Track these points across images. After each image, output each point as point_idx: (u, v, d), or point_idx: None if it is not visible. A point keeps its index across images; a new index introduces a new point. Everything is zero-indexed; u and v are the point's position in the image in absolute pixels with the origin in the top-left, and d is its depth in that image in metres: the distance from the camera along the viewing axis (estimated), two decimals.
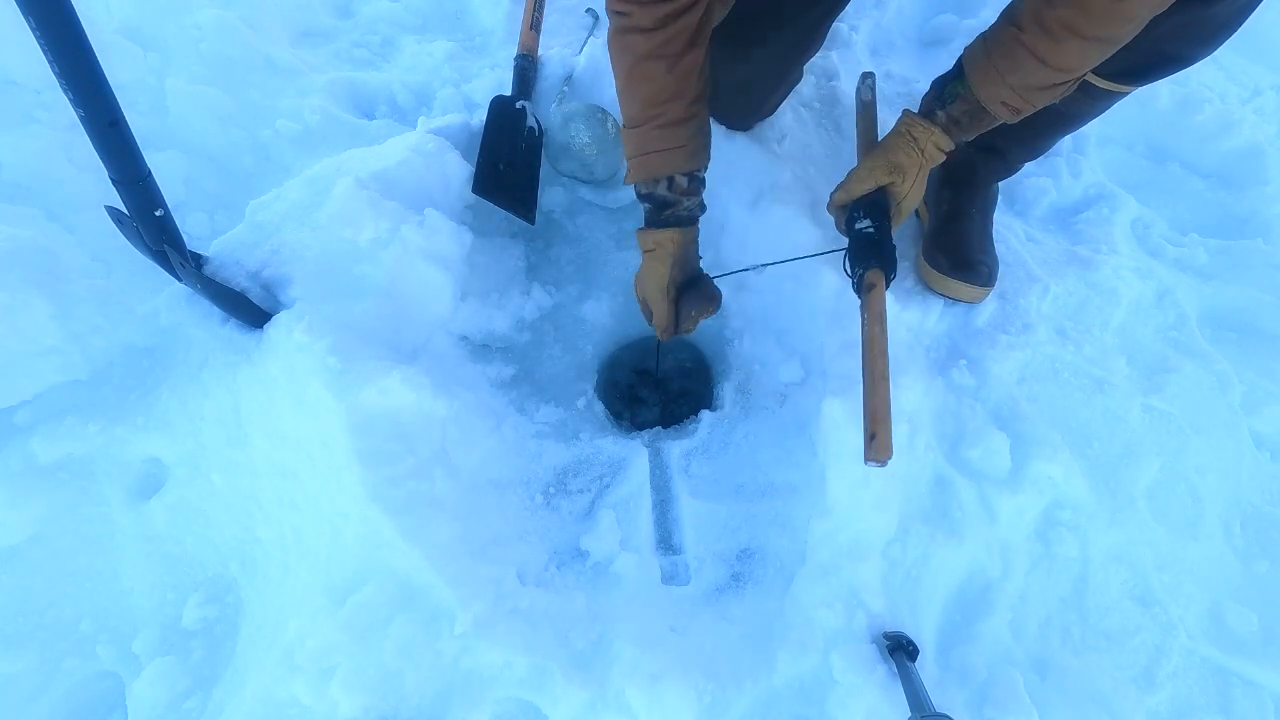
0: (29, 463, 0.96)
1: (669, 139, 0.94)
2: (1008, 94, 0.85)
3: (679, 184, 0.97)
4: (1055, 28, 0.77)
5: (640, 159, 0.96)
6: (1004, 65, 0.83)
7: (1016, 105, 0.86)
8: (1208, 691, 0.97)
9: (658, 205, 1.00)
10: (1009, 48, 0.82)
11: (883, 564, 0.95)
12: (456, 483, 0.98)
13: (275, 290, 0.99)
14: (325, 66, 1.60)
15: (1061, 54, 0.79)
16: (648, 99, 0.92)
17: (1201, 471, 1.12)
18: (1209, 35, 0.91)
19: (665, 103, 0.92)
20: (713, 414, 1.19)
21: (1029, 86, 0.84)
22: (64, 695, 0.91)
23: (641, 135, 0.95)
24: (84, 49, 0.64)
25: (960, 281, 1.19)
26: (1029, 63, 0.81)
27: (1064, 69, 0.81)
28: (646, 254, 1.04)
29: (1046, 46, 0.79)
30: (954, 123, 0.92)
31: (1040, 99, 0.86)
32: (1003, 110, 0.88)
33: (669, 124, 0.93)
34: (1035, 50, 0.80)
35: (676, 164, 0.95)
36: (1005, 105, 0.87)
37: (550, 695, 0.85)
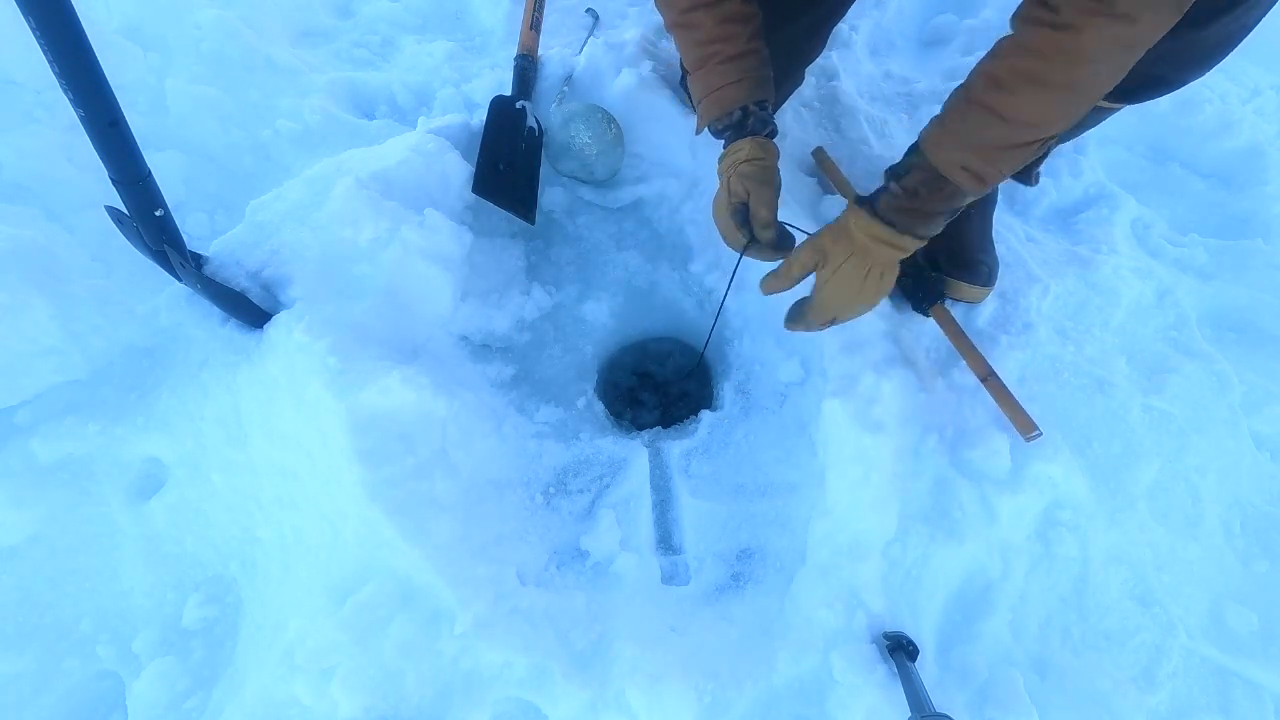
0: (29, 463, 0.96)
1: (733, 73, 0.93)
2: (967, 157, 0.77)
3: (754, 113, 0.95)
4: (1006, 77, 0.72)
5: (710, 98, 0.96)
6: (959, 127, 0.77)
7: (979, 171, 0.77)
8: (1208, 691, 0.97)
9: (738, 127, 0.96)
10: (962, 110, 0.77)
11: (883, 564, 0.95)
12: (456, 483, 0.98)
13: (275, 290, 0.99)
14: (325, 66, 1.60)
15: (1017, 105, 0.72)
16: (701, 41, 0.93)
17: (1201, 471, 1.12)
18: (1200, 59, 0.90)
19: (719, 41, 0.92)
20: (713, 414, 1.19)
21: (989, 147, 0.76)
22: (64, 695, 0.91)
23: (706, 75, 0.95)
24: (84, 49, 0.64)
25: (960, 281, 1.19)
26: (985, 120, 0.74)
27: (1024, 122, 0.74)
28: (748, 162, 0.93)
29: (1000, 99, 0.73)
30: (910, 195, 0.82)
31: (1005, 162, 0.77)
32: (964, 177, 0.78)
33: (729, 59, 0.93)
34: (989, 105, 0.74)
35: (744, 95, 0.94)
36: (966, 171, 0.77)
37: (550, 695, 0.85)
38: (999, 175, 0.79)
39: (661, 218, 1.33)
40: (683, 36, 0.96)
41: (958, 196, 0.81)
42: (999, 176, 0.79)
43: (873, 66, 1.68)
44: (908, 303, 1.16)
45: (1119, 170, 1.57)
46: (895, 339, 1.09)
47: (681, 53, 0.99)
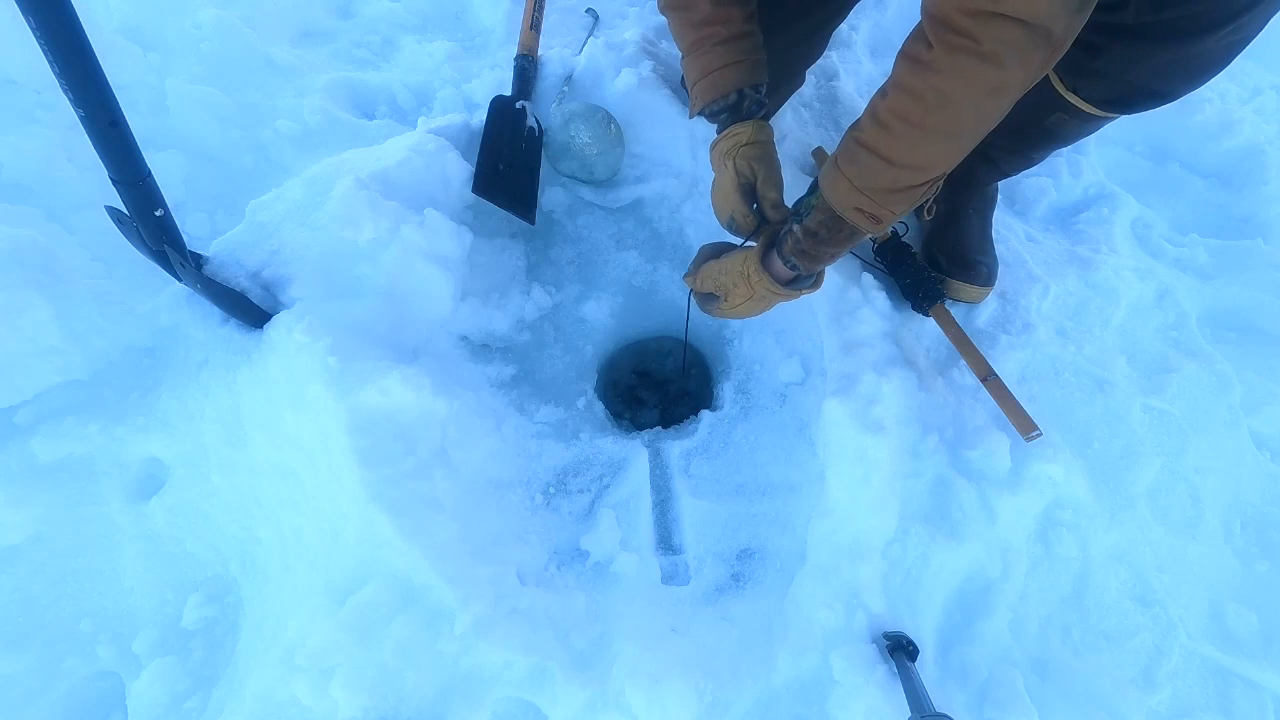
0: (29, 463, 0.96)
1: (729, 55, 0.93)
2: (859, 199, 0.76)
3: (749, 96, 0.95)
4: (888, 118, 0.70)
5: (705, 80, 0.95)
6: (849, 169, 0.76)
7: (873, 212, 0.77)
8: (1208, 691, 0.97)
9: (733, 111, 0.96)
10: (851, 151, 0.75)
11: (883, 564, 0.95)
12: (456, 483, 0.98)
13: (275, 290, 0.99)
14: (325, 66, 1.60)
15: (899, 147, 0.71)
16: (697, 22, 0.93)
17: (1201, 471, 1.12)
18: (1194, 73, 0.89)
19: (716, 23, 0.92)
20: (713, 414, 1.19)
21: (879, 189, 0.75)
22: (64, 695, 0.91)
23: (702, 57, 0.95)
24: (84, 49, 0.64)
25: (960, 281, 1.19)
26: (871, 162, 0.73)
27: (909, 165, 0.72)
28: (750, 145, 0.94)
29: (884, 141, 0.72)
30: (811, 236, 0.82)
31: (897, 204, 0.76)
32: (859, 218, 0.77)
33: (725, 40, 0.93)
34: (874, 147, 0.72)
35: (741, 79, 0.94)
36: (860, 212, 0.77)
37: (550, 695, 0.85)
38: (892, 216, 0.78)
39: (661, 218, 1.34)
40: (678, 18, 0.96)
41: (856, 236, 0.81)
42: (893, 217, 0.78)
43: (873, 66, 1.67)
44: (908, 303, 1.16)
45: (1119, 170, 1.57)
46: (895, 339, 1.09)
47: (675, 35, 0.99)
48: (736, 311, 0.97)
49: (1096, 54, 0.90)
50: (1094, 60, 0.91)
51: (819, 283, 0.91)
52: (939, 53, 0.65)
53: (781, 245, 0.86)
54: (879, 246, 1.20)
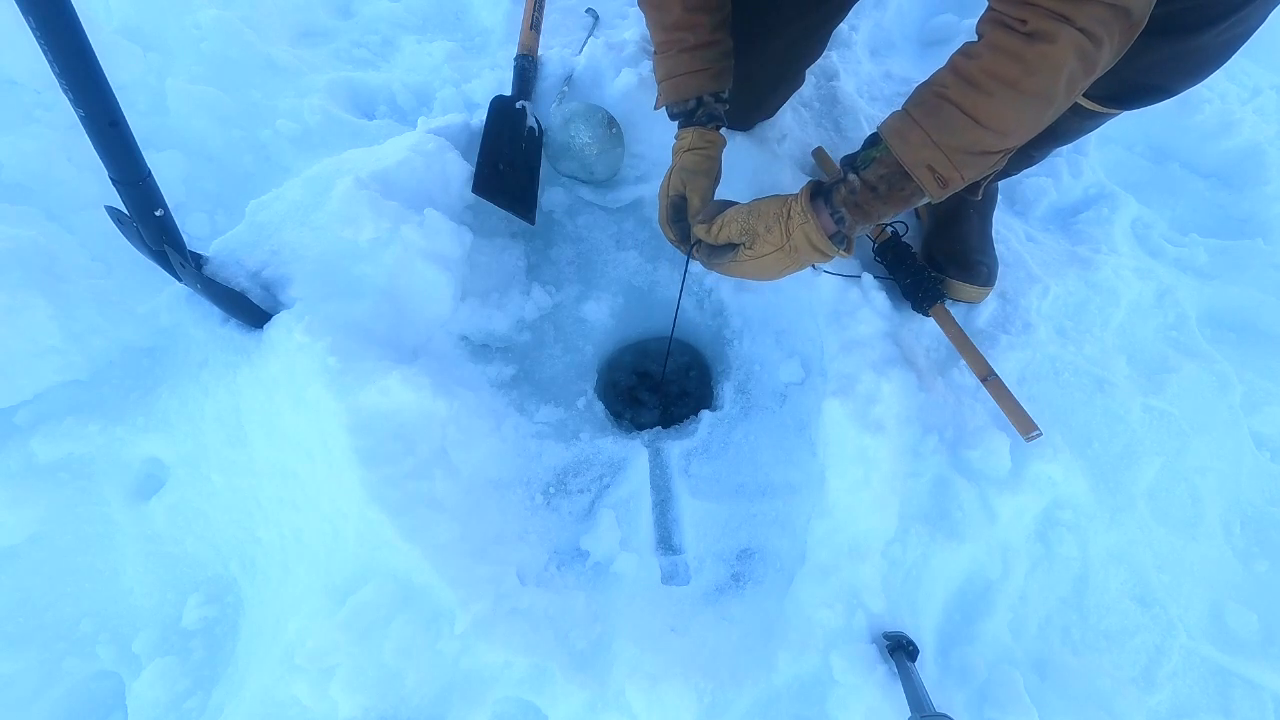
0: (29, 463, 0.96)
1: (693, 63, 0.97)
2: (934, 155, 0.74)
3: (707, 102, 1.00)
4: (983, 79, 0.70)
5: (669, 82, 1.00)
6: (929, 121, 0.73)
7: (943, 173, 0.74)
8: (1208, 691, 0.97)
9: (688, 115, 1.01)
10: (933, 105, 0.73)
11: (883, 564, 0.95)
12: (456, 483, 0.98)
13: (275, 290, 0.99)
14: (325, 66, 1.60)
15: (993, 109, 0.70)
16: (667, 25, 0.97)
17: (1201, 471, 1.12)
18: (1194, 68, 0.90)
19: (684, 29, 0.95)
20: (713, 414, 1.19)
21: (958, 149, 0.73)
22: (64, 695, 0.91)
23: (668, 60, 0.99)
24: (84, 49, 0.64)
25: (960, 281, 1.19)
26: (956, 119, 0.72)
27: (997, 129, 0.71)
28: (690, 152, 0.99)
29: (976, 101, 0.70)
30: (869, 189, 0.79)
31: (970, 168, 0.74)
32: (927, 177, 0.75)
33: (692, 48, 0.96)
34: (962, 104, 0.71)
35: (702, 86, 0.98)
36: (930, 170, 0.75)
37: (550, 695, 0.85)
38: (960, 181, 0.76)
39: None
40: (651, 16, 0.99)
41: (914, 198, 0.79)
42: (960, 182, 0.76)
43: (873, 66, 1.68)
44: (908, 303, 1.16)
45: (1119, 170, 1.57)
46: (895, 339, 1.09)
47: (648, 29, 1.03)
48: (755, 266, 0.90)
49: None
50: None
51: (851, 247, 0.87)
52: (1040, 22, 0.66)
53: (832, 195, 0.82)
54: (879, 246, 1.20)
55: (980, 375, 1.07)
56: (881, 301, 1.12)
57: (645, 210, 1.34)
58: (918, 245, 1.27)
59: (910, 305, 1.16)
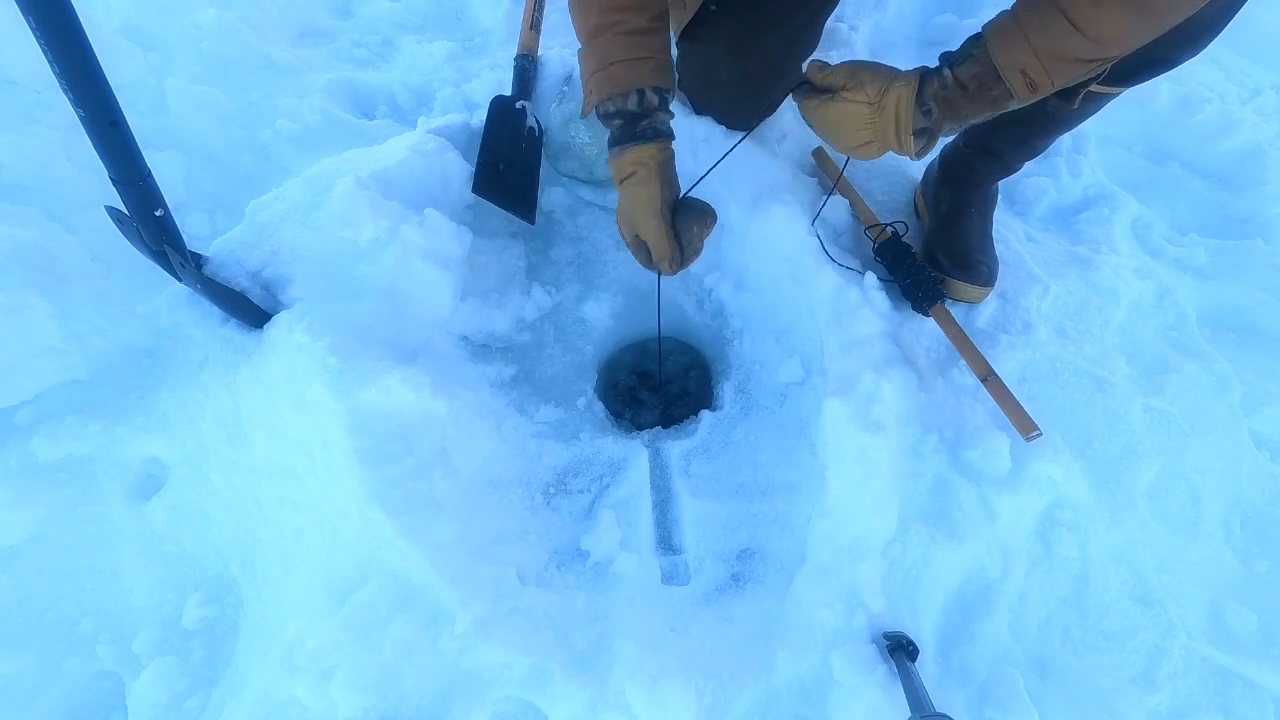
0: (29, 463, 0.96)
1: (634, 49, 0.87)
2: (1029, 60, 0.74)
3: (649, 100, 0.88)
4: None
5: (604, 72, 0.87)
6: (1030, 25, 0.74)
7: (1035, 78, 0.75)
8: (1208, 691, 0.97)
9: (629, 120, 0.89)
10: (1040, 12, 0.73)
11: (883, 564, 0.95)
12: (456, 483, 0.98)
13: (275, 290, 0.99)
14: (325, 66, 1.60)
15: (1100, 20, 0.70)
16: (605, 6, 0.86)
17: (1201, 471, 1.12)
18: (1194, 36, 0.89)
19: (625, 9, 0.86)
20: (713, 414, 1.19)
21: (1054, 55, 0.74)
22: (64, 695, 0.91)
23: (603, 46, 0.87)
24: (84, 49, 0.64)
25: (960, 281, 1.19)
26: (1059, 26, 0.72)
27: (1099, 39, 0.71)
28: (626, 181, 0.90)
29: (1082, 7, 0.70)
30: (960, 87, 0.80)
31: (1063, 75, 0.75)
32: (1019, 81, 0.76)
33: (632, 32, 0.86)
34: (1069, 12, 0.71)
35: (645, 77, 0.87)
36: (1023, 75, 0.75)
37: (550, 695, 0.85)
38: (1052, 87, 0.76)
39: None
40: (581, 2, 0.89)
41: (1002, 101, 0.79)
42: (1050, 89, 0.77)
43: None
44: (908, 303, 1.16)
45: (1119, 170, 1.56)
46: (895, 339, 1.09)
47: (576, 19, 0.91)
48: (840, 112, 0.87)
49: None
50: None
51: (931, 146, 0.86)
52: None
53: (924, 87, 0.82)
54: (879, 246, 1.20)
55: (980, 375, 1.07)
56: (881, 301, 1.12)
57: None
58: (918, 245, 1.27)
59: (910, 305, 1.16)
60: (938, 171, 1.29)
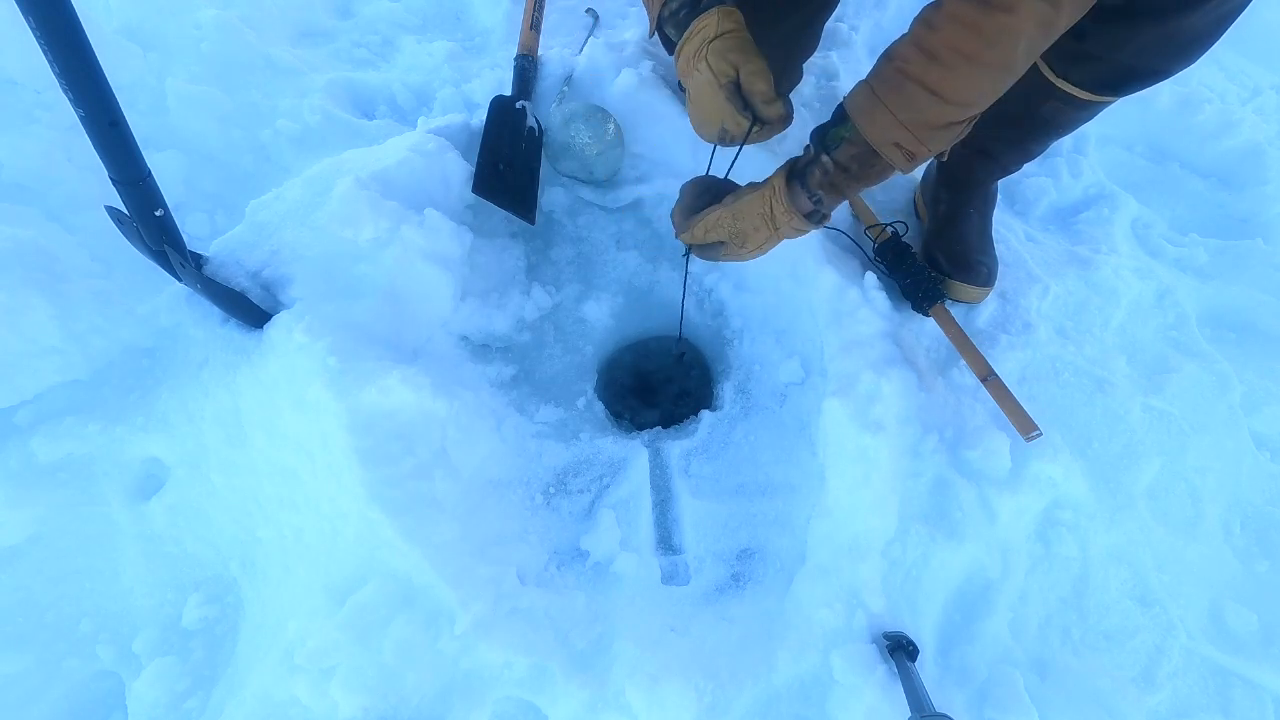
0: (29, 463, 0.96)
1: None
2: (900, 134, 0.75)
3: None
4: (944, 53, 0.70)
5: None
6: (891, 100, 0.74)
7: (911, 148, 0.76)
8: (1208, 691, 0.97)
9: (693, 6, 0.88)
10: (895, 83, 0.74)
11: (883, 564, 0.95)
12: (456, 483, 0.98)
13: (275, 290, 0.99)
14: (325, 66, 1.60)
15: (953, 81, 0.70)
16: None
17: (1201, 471, 1.12)
18: (1185, 47, 0.88)
19: None
20: (713, 414, 1.19)
21: (922, 124, 0.74)
22: (64, 695, 0.91)
23: None
24: (84, 49, 0.64)
25: (960, 281, 1.19)
26: (918, 96, 0.72)
27: (959, 102, 0.72)
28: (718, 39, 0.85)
29: (938, 76, 0.70)
30: (842, 170, 0.80)
31: (936, 140, 0.75)
32: (895, 153, 0.76)
33: None
34: (925, 81, 0.71)
35: None
36: (898, 148, 0.76)
37: (550, 695, 0.85)
38: (928, 153, 0.77)
39: (661, 218, 1.33)
40: None
41: (886, 172, 0.80)
42: (928, 155, 0.77)
43: (872, 66, 1.67)
44: (908, 303, 1.16)
45: (1119, 170, 1.57)
46: (895, 339, 1.09)
47: None
48: (752, 255, 0.92)
49: (1082, 37, 0.88)
50: (1081, 43, 0.89)
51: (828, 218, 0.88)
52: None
53: (807, 178, 0.83)
54: (879, 246, 1.20)
55: (980, 375, 1.07)
56: (881, 301, 1.12)
57: (645, 210, 1.34)
58: (918, 245, 1.27)
59: (910, 305, 1.16)
60: (936, 172, 1.29)
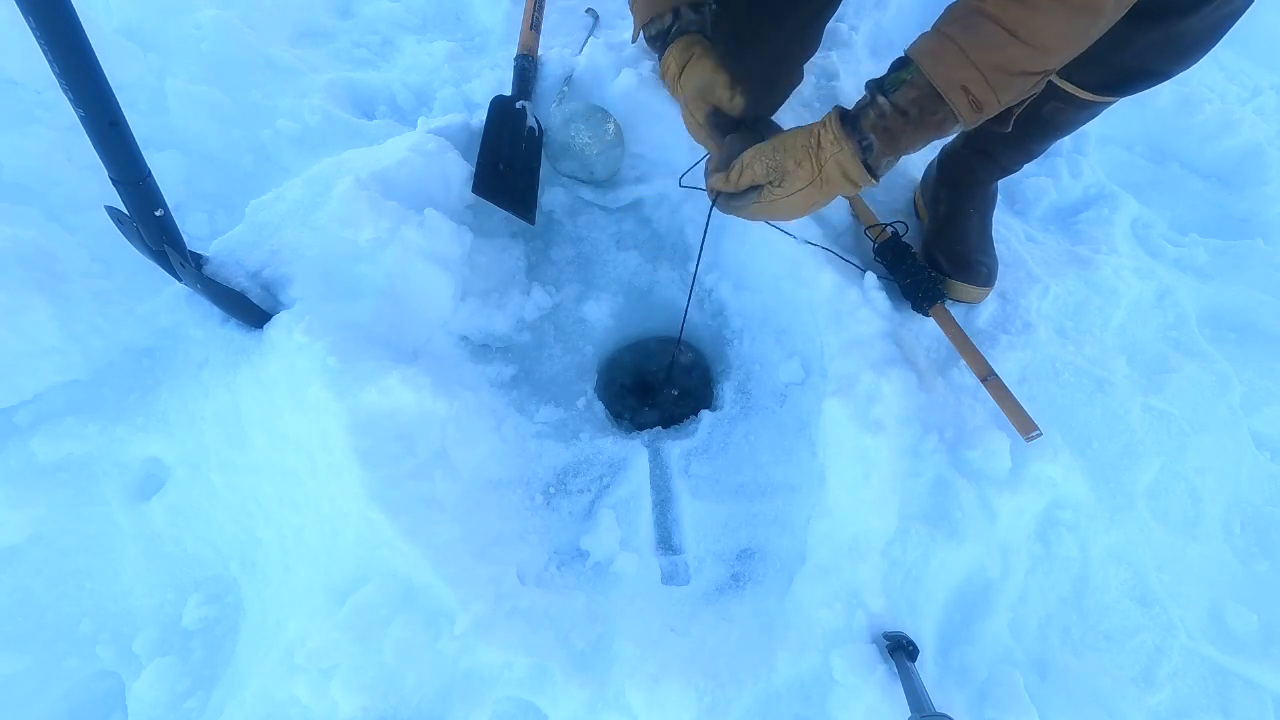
0: (29, 463, 0.96)
1: None
2: (970, 75, 0.70)
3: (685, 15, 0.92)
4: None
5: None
6: (965, 38, 0.69)
7: (979, 95, 0.71)
8: (1208, 691, 0.97)
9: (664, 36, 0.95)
10: (969, 21, 0.69)
11: (883, 564, 0.95)
12: (456, 483, 0.98)
13: (275, 290, 0.99)
14: (325, 66, 1.60)
15: (1034, 23, 0.66)
16: None
17: (1201, 471, 1.12)
18: (1185, 50, 0.87)
19: None
20: (713, 414, 1.19)
21: (996, 67, 0.69)
22: (64, 695, 0.91)
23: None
24: (84, 49, 0.64)
25: (960, 281, 1.19)
26: (995, 35, 0.68)
27: (1040, 45, 0.68)
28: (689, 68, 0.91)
29: (1018, 15, 0.67)
30: (900, 114, 0.75)
31: (1007, 90, 0.71)
32: (961, 99, 0.71)
33: None
34: (1002, 20, 0.67)
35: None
36: (965, 92, 0.70)
37: (550, 695, 0.85)
38: (996, 105, 0.72)
39: (661, 218, 1.34)
40: None
41: (947, 124, 0.75)
42: (996, 106, 0.72)
43: (872, 66, 1.67)
44: (908, 303, 1.16)
45: (1119, 170, 1.57)
46: (895, 339, 1.09)
47: None
48: (786, 205, 0.84)
49: None
50: None
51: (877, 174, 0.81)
52: None
53: (860, 120, 0.78)
54: (879, 246, 1.20)
55: (980, 375, 1.07)
56: (881, 301, 1.12)
57: (645, 210, 1.34)
58: (918, 245, 1.27)
59: (910, 305, 1.16)
60: (936, 172, 1.29)
